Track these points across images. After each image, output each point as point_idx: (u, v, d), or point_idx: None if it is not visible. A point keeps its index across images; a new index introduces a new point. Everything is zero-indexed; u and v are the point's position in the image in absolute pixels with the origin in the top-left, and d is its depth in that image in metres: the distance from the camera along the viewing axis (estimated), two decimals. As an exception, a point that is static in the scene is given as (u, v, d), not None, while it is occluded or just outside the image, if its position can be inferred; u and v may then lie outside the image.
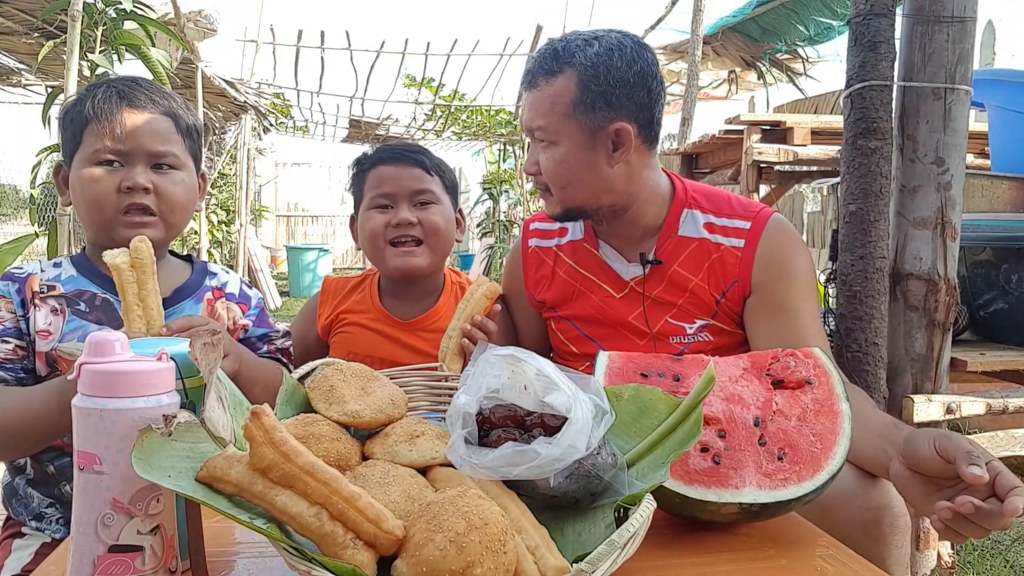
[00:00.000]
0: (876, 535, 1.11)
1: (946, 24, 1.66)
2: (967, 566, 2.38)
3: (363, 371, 0.96)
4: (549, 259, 1.53)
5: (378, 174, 1.49)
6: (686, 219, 1.41)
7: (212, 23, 5.35)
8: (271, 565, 0.80)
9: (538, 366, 0.82)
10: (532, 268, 1.55)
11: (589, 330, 1.47)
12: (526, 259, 1.56)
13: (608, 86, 1.29)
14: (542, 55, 1.34)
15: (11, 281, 1.21)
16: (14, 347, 1.17)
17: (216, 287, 1.37)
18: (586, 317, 1.46)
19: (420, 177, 1.48)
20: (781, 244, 1.37)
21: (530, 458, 0.74)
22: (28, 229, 4.41)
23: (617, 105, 1.30)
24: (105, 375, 0.67)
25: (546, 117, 1.32)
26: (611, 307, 1.43)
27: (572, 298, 1.48)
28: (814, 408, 0.95)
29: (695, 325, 1.39)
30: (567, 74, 1.30)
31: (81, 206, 1.23)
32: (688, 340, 1.39)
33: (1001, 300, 2.03)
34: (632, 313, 1.42)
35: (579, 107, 1.30)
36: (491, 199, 12.37)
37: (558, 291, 1.50)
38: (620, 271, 1.44)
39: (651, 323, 1.41)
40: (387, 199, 1.47)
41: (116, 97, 1.22)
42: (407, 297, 1.55)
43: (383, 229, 1.47)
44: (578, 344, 1.48)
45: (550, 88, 1.31)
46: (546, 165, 1.35)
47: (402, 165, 1.48)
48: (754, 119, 3.58)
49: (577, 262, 1.49)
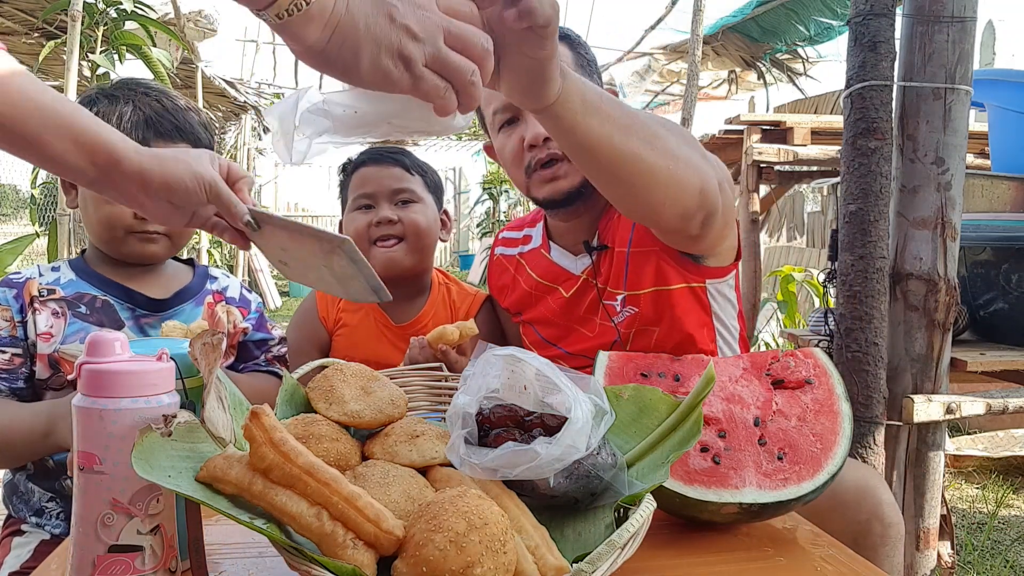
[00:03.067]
0: (867, 545, 1.11)
1: (946, 24, 1.66)
2: (967, 566, 2.39)
3: (363, 371, 0.96)
4: (511, 267, 1.56)
5: (360, 176, 1.50)
6: None
7: (212, 23, 5.36)
8: (271, 565, 0.80)
9: (538, 366, 0.82)
10: (495, 276, 1.60)
11: (547, 332, 1.49)
12: (491, 267, 1.62)
13: (588, 54, 1.34)
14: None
15: (8, 287, 1.22)
16: (10, 356, 1.17)
17: (217, 291, 1.38)
18: (543, 320, 1.48)
19: (400, 176, 1.49)
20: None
21: (530, 458, 0.74)
22: (28, 229, 4.42)
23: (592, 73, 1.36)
24: (105, 375, 0.67)
25: None
26: (561, 307, 1.45)
27: (531, 304, 1.51)
28: (814, 408, 0.95)
29: (618, 299, 1.38)
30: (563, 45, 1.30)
31: (93, 220, 1.24)
32: (619, 317, 1.38)
33: (1001, 300, 2.03)
34: (582, 307, 1.43)
35: (579, 70, 1.30)
36: (491, 199, 12.39)
37: (518, 299, 1.53)
38: (569, 267, 1.45)
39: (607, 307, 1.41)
40: (369, 199, 1.49)
41: (144, 123, 1.22)
42: (400, 296, 1.56)
43: (366, 229, 1.47)
44: (540, 348, 1.49)
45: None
46: None
47: (383, 165, 1.49)
48: (754, 119, 3.58)
49: (534, 269, 1.51)
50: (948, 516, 1.88)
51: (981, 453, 3.35)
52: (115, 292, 1.26)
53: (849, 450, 0.91)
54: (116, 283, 1.26)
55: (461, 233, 16.61)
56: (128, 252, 1.25)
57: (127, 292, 1.26)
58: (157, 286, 1.30)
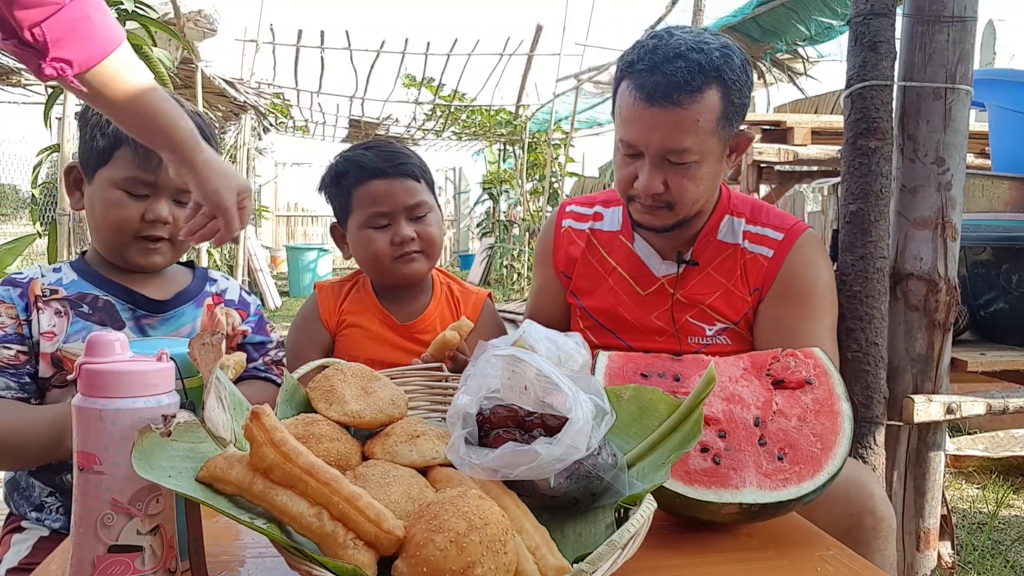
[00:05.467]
0: (858, 539, 1.10)
1: (946, 24, 1.65)
2: (967, 566, 2.38)
3: (363, 371, 0.96)
4: (581, 241, 1.54)
5: (370, 191, 1.46)
6: (726, 224, 1.43)
7: (212, 23, 5.36)
8: (271, 565, 0.80)
9: (538, 367, 0.82)
10: (563, 247, 1.57)
11: (609, 323, 1.48)
12: (557, 238, 1.58)
13: (744, 98, 1.27)
14: (683, 68, 1.21)
15: (13, 286, 1.23)
16: (16, 353, 1.18)
17: (216, 293, 1.39)
18: (607, 310, 1.47)
19: (413, 190, 1.47)
20: (806, 263, 1.38)
21: (530, 458, 0.74)
22: (28, 229, 4.41)
23: (744, 115, 1.30)
24: (105, 375, 0.67)
25: (691, 137, 1.24)
26: (634, 303, 1.44)
27: (596, 288, 1.50)
28: (814, 408, 0.95)
29: (715, 328, 1.40)
30: (713, 89, 1.23)
31: (101, 224, 1.25)
32: (706, 341, 1.40)
33: (1001, 300, 2.03)
34: (655, 312, 1.43)
35: (723, 120, 1.26)
36: (491, 199, 12.37)
37: (585, 276, 1.52)
38: (653, 268, 1.45)
39: (676, 321, 1.42)
40: (385, 217, 1.46)
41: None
42: (403, 297, 1.56)
43: (388, 248, 1.46)
44: (597, 334, 1.48)
45: (696, 106, 1.22)
46: (684, 184, 1.29)
47: (394, 179, 1.46)
48: (754, 119, 3.58)
49: (609, 253, 1.50)
50: (948, 516, 1.87)
51: (981, 453, 3.35)
52: (116, 293, 1.27)
53: (849, 450, 0.91)
54: (117, 284, 1.27)
55: (461, 233, 16.60)
56: (131, 260, 1.26)
57: (128, 293, 1.27)
58: (157, 288, 1.31)
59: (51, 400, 1.20)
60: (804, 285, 1.37)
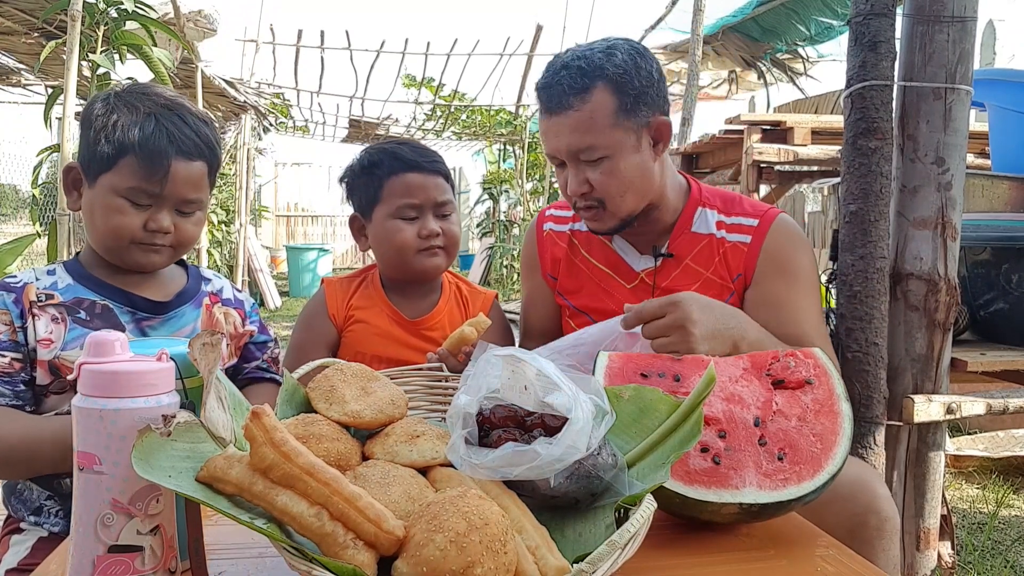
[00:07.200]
0: (863, 538, 1.11)
1: (946, 24, 1.66)
2: (967, 566, 2.38)
3: (363, 371, 0.96)
4: (563, 242, 1.61)
5: (406, 183, 1.47)
6: (699, 217, 1.47)
7: (212, 23, 5.35)
8: (271, 565, 0.80)
9: (538, 367, 0.82)
10: (548, 250, 1.63)
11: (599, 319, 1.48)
12: (541, 243, 1.65)
13: (641, 86, 1.34)
14: (566, 76, 1.33)
15: (7, 291, 1.20)
16: (10, 360, 1.16)
17: (212, 292, 1.39)
18: (598, 308, 1.52)
19: (443, 187, 1.51)
20: (784, 242, 1.42)
21: (530, 458, 0.74)
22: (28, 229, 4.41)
23: (651, 102, 1.36)
24: (105, 375, 0.67)
25: (592, 135, 1.33)
26: (622, 297, 1.48)
27: (582, 286, 1.55)
28: (814, 408, 0.95)
29: None
30: (599, 87, 1.32)
31: (100, 227, 1.22)
32: None
33: (1001, 300, 2.03)
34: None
35: (621, 113, 1.33)
36: (491, 199, 12.38)
37: (570, 276, 1.57)
38: (632, 263, 1.51)
39: None
40: (415, 210, 1.48)
41: (167, 141, 1.19)
42: (413, 294, 1.56)
43: (415, 240, 1.47)
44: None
45: (587, 106, 1.32)
46: (603, 180, 1.37)
47: (428, 174, 1.49)
48: (754, 119, 3.58)
49: (590, 252, 1.56)
50: (948, 516, 1.87)
51: (981, 453, 3.35)
52: (114, 296, 1.24)
53: (849, 450, 0.91)
54: (115, 287, 1.25)
55: (461, 233, 16.60)
56: (131, 261, 1.23)
57: (126, 296, 1.25)
58: (155, 289, 1.29)
59: (48, 407, 1.19)
60: (787, 259, 1.41)
